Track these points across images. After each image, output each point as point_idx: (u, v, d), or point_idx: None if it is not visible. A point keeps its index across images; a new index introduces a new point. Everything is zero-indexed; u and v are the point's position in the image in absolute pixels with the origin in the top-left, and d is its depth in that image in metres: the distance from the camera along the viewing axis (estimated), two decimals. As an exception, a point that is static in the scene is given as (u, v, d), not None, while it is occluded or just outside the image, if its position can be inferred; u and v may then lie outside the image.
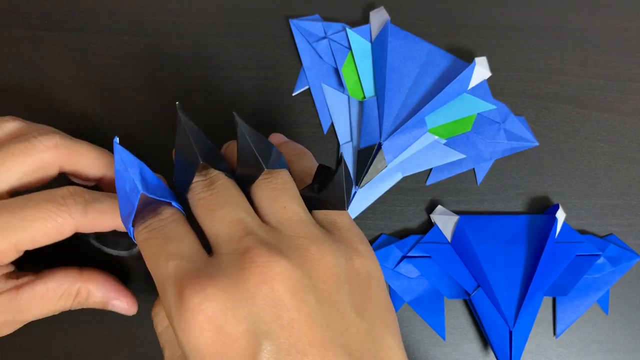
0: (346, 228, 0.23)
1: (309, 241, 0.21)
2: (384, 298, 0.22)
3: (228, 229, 0.20)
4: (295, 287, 0.19)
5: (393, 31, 0.34)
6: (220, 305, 0.18)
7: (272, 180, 0.23)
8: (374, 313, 0.21)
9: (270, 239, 0.20)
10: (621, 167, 0.34)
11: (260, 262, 0.19)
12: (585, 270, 0.32)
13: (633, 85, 0.35)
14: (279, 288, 0.19)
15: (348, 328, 0.20)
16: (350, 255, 0.21)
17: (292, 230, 0.21)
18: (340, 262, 0.21)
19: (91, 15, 0.34)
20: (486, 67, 0.32)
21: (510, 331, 0.30)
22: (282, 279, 0.19)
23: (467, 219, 0.32)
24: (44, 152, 0.24)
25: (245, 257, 0.19)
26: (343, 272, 0.21)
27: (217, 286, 0.18)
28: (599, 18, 0.36)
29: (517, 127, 0.34)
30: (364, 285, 0.21)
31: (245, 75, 0.34)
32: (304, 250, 0.20)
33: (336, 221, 0.23)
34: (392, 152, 0.32)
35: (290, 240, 0.21)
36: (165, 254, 0.20)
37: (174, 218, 0.21)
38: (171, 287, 0.19)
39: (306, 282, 0.19)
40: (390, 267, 0.32)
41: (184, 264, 0.20)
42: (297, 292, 0.19)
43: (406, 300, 0.32)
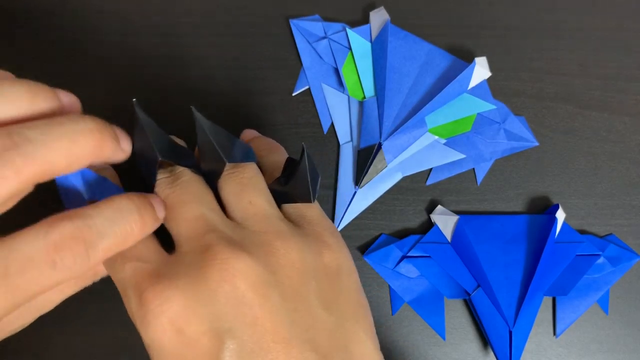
0: (316, 221, 0.23)
1: (273, 236, 0.20)
2: (354, 292, 0.22)
3: (190, 226, 0.20)
4: (257, 283, 0.19)
5: (393, 31, 0.34)
6: (180, 306, 0.18)
7: (238, 174, 0.22)
8: (344, 307, 0.21)
9: (234, 236, 0.20)
10: (621, 167, 0.34)
11: (222, 258, 0.19)
12: (585, 270, 0.32)
13: (633, 85, 0.35)
14: (240, 285, 0.18)
15: (314, 323, 0.19)
16: (319, 249, 0.21)
17: (258, 225, 0.21)
18: (307, 256, 0.20)
19: (91, 15, 0.34)
20: (486, 67, 0.32)
21: (510, 331, 0.30)
22: (243, 275, 0.19)
23: (467, 219, 0.32)
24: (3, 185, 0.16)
25: (207, 254, 0.19)
26: (310, 267, 0.20)
27: (177, 287, 0.18)
28: (599, 18, 0.36)
29: (517, 127, 0.34)
30: (333, 279, 0.21)
31: (245, 75, 0.34)
32: (268, 245, 0.20)
33: (305, 214, 0.23)
34: (392, 152, 0.32)
35: (254, 236, 0.20)
36: (121, 257, 0.19)
37: None
38: (130, 290, 0.19)
39: (269, 277, 0.19)
40: (390, 267, 0.32)
41: (142, 265, 0.19)
42: (260, 289, 0.19)
43: (406, 300, 0.32)
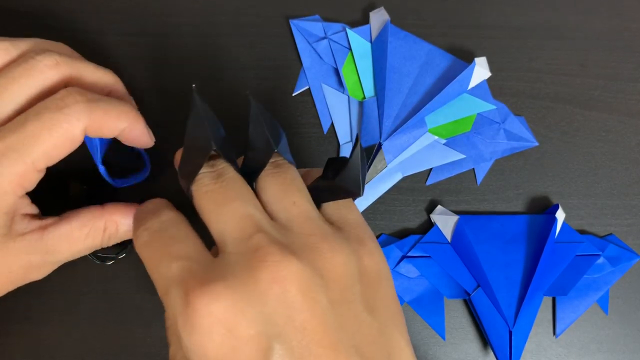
0: (356, 224, 0.22)
1: (319, 239, 0.20)
2: (393, 298, 0.22)
3: (237, 226, 0.19)
4: (307, 287, 0.18)
5: (393, 31, 0.34)
6: (230, 306, 0.17)
7: (281, 174, 0.22)
8: (385, 313, 0.21)
9: (281, 238, 0.20)
10: (621, 167, 0.34)
11: (272, 261, 0.18)
12: (585, 270, 0.32)
13: (633, 85, 0.35)
14: (291, 288, 0.18)
15: (360, 328, 0.19)
16: (360, 253, 0.21)
17: (302, 227, 0.20)
18: (351, 259, 0.20)
19: (91, 15, 0.34)
20: (486, 67, 0.32)
21: (510, 331, 0.30)
22: (294, 279, 0.18)
23: (467, 219, 0.32)
24: (45, 71, 0.23)
25: (256, 256, 0.18)
26: (354, 271, 0.20)
27: (226, 286, 0.18)
28: (599, 18, 0.36)
29: (516, 127, 0.34)
30: (374, 284, 0.21)
31: (245, 75, 0.34)
32: (314, 248, 0.20)
33: (347, 217, 0.23)
34: (392, 152, 0.32)
35: (300, 238, 0.20)
36: (168, 256, 0.19)
37: (175, 219, 0.21)
38: (176, 290, 0.18)
39: (318, 281, 0.19)
40: (390, 267, 0.32)
41: (190, 265, 0.19)
42: (309, 292, 0.18)
43: (406, 300, 0.32)
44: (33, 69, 0.23)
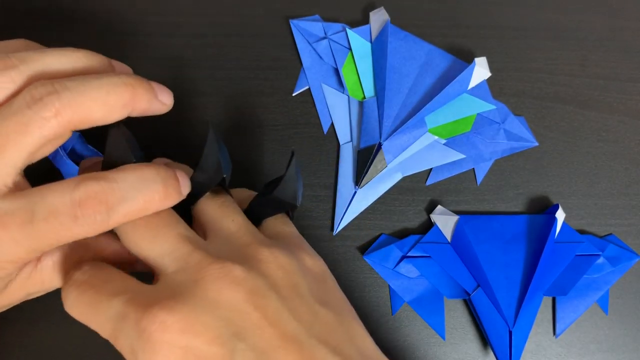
0: (293, 235, 0.24)
1: (258, 245, 0.21)
2: (341, 294, 0.23)
3: (174, 247, 0.20)
4: (254, 289, 0.19)
5: (393, 31, 0.34)
6: (184, 317, 0.17)
7: (219, 198, 0.23)
8: (337, 304, 0.21)
9: (222, 252, 0.20)
10: (621, 167, 0.34)
11: (216, 269, 0.19)
12: (584, 270, 0.32)
13: (633, 85, 0.35)
14: (238, 292, 0.19)
15: (317, 319, 0.20)
16: (301, 256, 0.22)
17: (241, 239, 0.21)
18: (293, 260, 0.21)
19: (91, 15, 0.34)
20: (486, 68, 0.32)
21: (510, 331, 0.30)
22: (239, 283, 0.19)
23: (467, 219, 0.32)
24: (44, 125, 0.19)
25: (199, 268, 0.19)
26: (298, 269, 0.21)
27: (176, 301, 0.18)
28: (599, 18, 0.36)
29: (516, 127, 0.34)
30: (320, 281, 0.22)
31: (245, 75, 0.34)
32: (255, 254, 0.20)
33: (284, 230, 0.24)
34: (392, 152, 0.32)
35: (240, 249, 0.21)
36: (104, 297, 0.19)
37: (98, 265, 0.20)
38: (124, 324, 0.18)
39: (263, 282, 0.19)
40: (390, 267, 0.32)
41: (131, 295, 0.18)
42: (258, 293, 0.19)
43: (406, 300, 0.32)
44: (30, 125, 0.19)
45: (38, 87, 0.19)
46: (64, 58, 0.21)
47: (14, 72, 0.20)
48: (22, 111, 0.19)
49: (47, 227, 0.19)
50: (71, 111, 0.20)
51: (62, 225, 0.19)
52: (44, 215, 0.19)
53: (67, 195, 0.19)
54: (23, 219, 0.19)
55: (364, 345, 0.21)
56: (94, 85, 0.20)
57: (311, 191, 0.33)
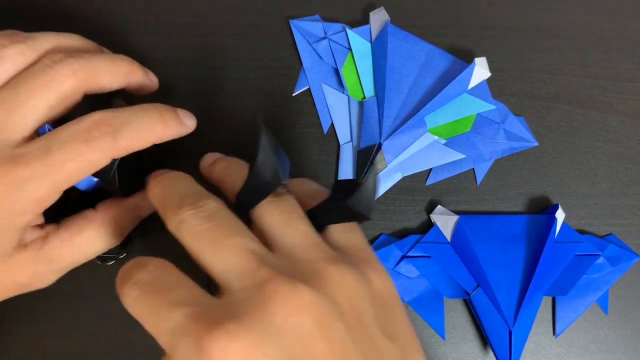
0: (361, 247, 0.22)
1: (327, 264, 0.19)
2: (407, 320, 0.21)
3: (240, 261, 0.19)
4: (322, 315, 0.18)
5: (393, 31, 0.34)
6: (248, 346, 0.16)
7: (281, 201, 0.21)
8: (403, 336, 0.20)
9: (287, 267, 0.19)
10: (621, 167, 0.34)
11: (284, 291, 0.17)
12: (584, 270, 0.32)
13: (633, 85, 0.35)
14: (306, 319, 0.17)
15: (381, 354, 0.19)
16: (370, 276, 0.20)
17: (308, 253, 0.20)
18: (362, 283, 0.20)
19: (90, 15, 0.34)
20: (486, 68, 0.32)
21: (509, 331, 0.30)
22: (309, 308, 0.17)
23: (467, 218, 0.32)
24: (64, 82, 0.23)
25: (266, 289, 0.17)
26: (366, 294, 0.20)
27: (241, 325, 0.16)
28: (599, 18, 0.36)
29: (516, 127, 0.34)
30: (387, 306, 0.20)
31: (245, 75, 0.34)
32: (323, 274, 0.19)
33: (353, 240, 0.22)
34: (392, 152, 0.32)
35: (307, 265, 0.19)
36: (167, 305, 0.17)
37: (164, 266, 0.19)
38: (185, 339, 0.16)
39: (332, 308, 0.18)
40: (390, 267, 0.32)
41: (194, 310, 0.17)
42: (325, 321, 0.18)
43: (406, 300, 0.32)
44: (52, 81, 0.23)
45: (57, 53, 0.23)
46: (64, 38, 0.25)
47: (23, 45, 0.23)
48: (44, 70, 0.23)
49: (63, 154, 0.21)
50: (85, 73, 0.23)
51: (76, 151, 0.21)
52: (59, 144, 0.21)
53: (76, 125, 0.22)
54: (42, 152, 0.21)
55: None
56: (100, 56, 0.25)
57: (311, 191, 0.33)
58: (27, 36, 0.24)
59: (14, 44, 0.23)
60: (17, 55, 0.23)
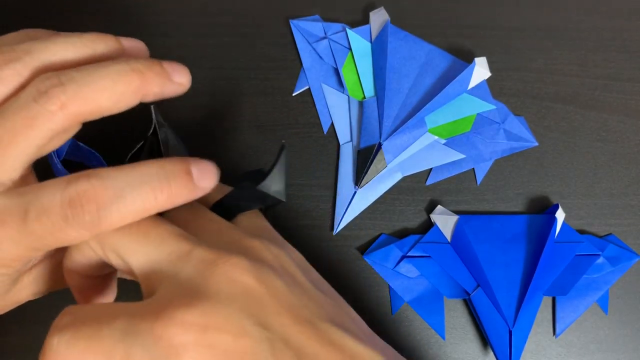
0: (270, 230, 0.23)
1: (249, 241, 0.20)
2: (327, 283, 0.23)
3: (173, 246, 0.19)
4: (262, 275, 0.18)
5: (393, 31, 0.34)
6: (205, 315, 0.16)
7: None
8: (329, 290, 0.22)
9: (218, 245, 0.19)
10: (621, 167, 0.34)
11: (223, 262, 0.18)
12: (584, 270, 0.32)
13: (633, 85, 0.35)
14: (249, 279, 0.18)
15: (322, 304, 0.20)
16: (285, 249, 0.22)
17: (228, 237, 0.21)
18: (282, 252, 0.21)
19: (90, 16, 0.34)
20: (486, 67, 0.32)
21: (509, 331, 0.30)
22: (249, 271, 0.18)
23: (467, 218, 0.32)
24: (51, 119, 0.19)
25: (206, 265, 0.18)
26: (289, 259, 0.21)
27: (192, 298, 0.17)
28: (599, 18, 0.36)
29: (516, 127, 0.34)
30: (309, 270, 0.22)
31: (245, 75, 0.34)
32: (250, 247, 0.20)
33: (261, 224, 0.23)
34: (392, 152, 0.32)
35: (233, 242, 0.20)
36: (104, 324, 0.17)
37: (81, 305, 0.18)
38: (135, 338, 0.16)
39: (268, 269, 0.19)
40: (390, 267, 0.32)
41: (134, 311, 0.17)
42: (267, 281, 0.18)
43: (406, 300, 0.32)
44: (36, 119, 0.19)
45: (44, 80, 0.19)
46: (70, 45, 0.21)
47: (19, 64, 0.20)
48: (28, 105, 0.19)
49: (40, 227, 0.18)
50: (77, 103, 0.19)
51: (54, 226, 0.18)
52: (36, 214, 0.18)
53: (57, 194, 0.18)
54: (18, 218, 0.18)
55: (362, 325, 0.21)
56: (100, 74, 0.20)
57: (311, 191, 0.33)
58: (27, 51, 0.20)
59: (10, 64, 0.20)
60: (12, 77, 0.20)
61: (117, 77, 0.20)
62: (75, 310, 0.18)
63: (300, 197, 0.33)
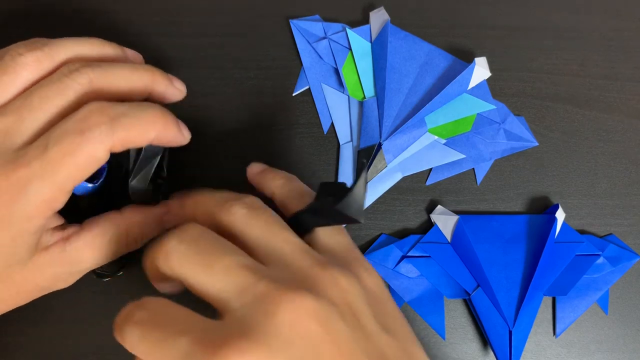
0: (349, 248, 0.23)
1: (319, 269, 0.20)
2: (401, 313, 0.22)
3: (236, 279, 0.19)
4: (325, 318, 0.18)
5: (393, 31, 0.34)
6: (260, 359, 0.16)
7: (262, 214, 0.22)
8: (400, 330, 0.21)
9: (283, 277, 0.19)
10: (621, 167, 0.34)
11: (285, 301, 0.18)
12: (584, 270, 0.32)
13: (633, 85, 0.35)
14: (312, 324, 0.17)
15: (383, 350, 0.19)
16: (361, 275, 0.21)
17: (299, 261, 0.20)
18: (354, 282, 0.20)
19: (90, 15, 0.34)
20: (486, 67, 0.32)
21: (510, 331, 0.30)
22: (312, 314, 0.18)
23: (467, 218, 0.32)
24: (79, 90, 0.22)
25: (268, 301, 0.18)
26: (360, 292, 0.20)
27: (248, 340, 0.17)
28: (599, 18, 0.36)
29: (516, 127, 0.34)
30: (381, 302, 0.21)
31: (245, 75, 0.34)
32: (318, 278, 0.19)
33: (340, 242, 0.23)
34: (392, 152, 0.32)
35: (301, 272, 0.20)
36: (170, 336, 0.17)
37: (161, 302, 0.19)
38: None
39: (332, 310, 0.18)
40: (390, 267, 0.32)
41: (199, 335, 0.17)
42: (330, 324, 0.18)
43: (406, 300, 0.32)
44: (67, 89, 0.22)
45: (75, 63, 0.23)
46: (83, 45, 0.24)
47: (40, 52, 0.23)
48: (60, 79, 0.22)
49: (60, 149, 0.20)
50: (101, 81, 0.23)
51: (72, 144, 0.20)
52: (55, 139, 0.20)
53: (72, 117, 0.21)
54: (39, 151, 0.20)
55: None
56: (119, 65, 0.24)
57: (311, 191, 0.33)
58: (45, 43, 0.23)
59: (31, 52, 0.23)
60: (33, 63, 0.23)
61: (133, 70, 0.24)
62: (154, 307, 0.19)
63: (300, 197, 0.33)
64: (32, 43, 0.23)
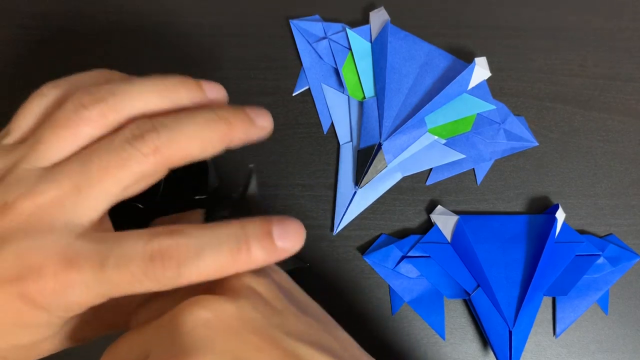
0: None
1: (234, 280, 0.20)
2: (317, 304, 0.22)
3: None
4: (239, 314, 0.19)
5: (393, 31, 0.34)
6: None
7: None
8: (320, 315, 0.21)
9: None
10: (621, 167, 0.34)
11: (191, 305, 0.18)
12: (585, 270, 0.32)
13: (633, 85, 0.35)
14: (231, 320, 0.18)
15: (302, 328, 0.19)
16: (266, 272, 0.21)
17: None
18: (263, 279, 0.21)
19: (90, 16, 0.34)
20: (486, 67, 0.32)
21: (510, 331, 0.30)
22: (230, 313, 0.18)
23: (467, 218, 0.32)
24: (143, 162, 0.20)
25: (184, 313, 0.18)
26: (270, 284, 0.20)
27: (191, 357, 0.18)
28: (599, 18, 0.36)
29: (516, 127, 0.34)
30: (292, 291, 0.21)
31: (245, 75, 0.34)
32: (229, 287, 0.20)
33: None
34: (392, 152, 0.32)
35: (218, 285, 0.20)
36: None
37: None
38: None
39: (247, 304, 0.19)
40: (390, 267, 0.32)
41: None
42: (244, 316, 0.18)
43: (406, 300, 0.32)
44: (130, 160, 0.20)
45: (139, 125, 0.20)
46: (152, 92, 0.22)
47: (104, 105, 0.20)
48: (122, 146, 0.19)
49: (118, 276, 0.18)
50: (169, 148, 0.20)
51: (132, 277, 0.18)
52: (115, 263, 0.18)
53: (139, 246, 0.19)
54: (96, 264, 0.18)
55: (351, 347, 0.21)
56: (190, 122, 0.21)
57: (311, 191, 0.33)
58: (111, 92, 0.21)
59: (95, 105, 0.20)
60: (97, 118, 0.20)
61: (205, 125, 0.21)
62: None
63: (300, 197, 0.33)
64: (97, 91, 0.21)
